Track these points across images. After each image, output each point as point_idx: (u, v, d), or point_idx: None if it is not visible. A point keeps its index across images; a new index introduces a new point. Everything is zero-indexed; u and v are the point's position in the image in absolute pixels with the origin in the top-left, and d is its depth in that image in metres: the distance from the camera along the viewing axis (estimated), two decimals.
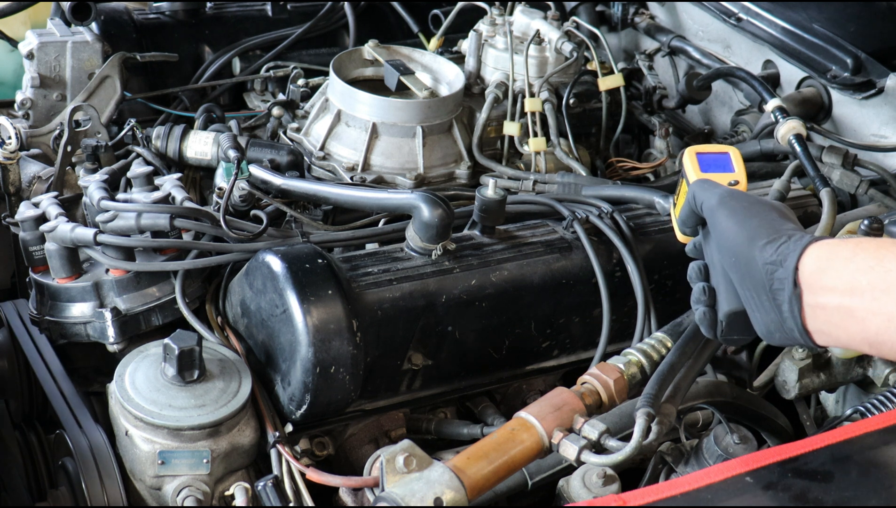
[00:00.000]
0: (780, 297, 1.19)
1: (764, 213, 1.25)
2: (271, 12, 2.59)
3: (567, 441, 1.35)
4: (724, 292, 1.30)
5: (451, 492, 1.28)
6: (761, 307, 1.22)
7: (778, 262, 1.19)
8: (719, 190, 1.30)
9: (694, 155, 1.42)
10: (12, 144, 2.06)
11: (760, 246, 1.21)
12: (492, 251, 1.75)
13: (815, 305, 1.17)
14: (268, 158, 2.01)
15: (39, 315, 1.80)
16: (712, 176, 1.37)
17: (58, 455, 1.73)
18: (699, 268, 1.34)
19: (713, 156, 1.42)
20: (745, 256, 1.22)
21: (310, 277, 1.60)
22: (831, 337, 1.18)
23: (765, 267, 1.19)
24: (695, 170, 1.40)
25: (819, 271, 1.16)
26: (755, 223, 1.24)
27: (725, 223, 1.26)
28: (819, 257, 1.17)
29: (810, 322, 1.18)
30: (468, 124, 2.18)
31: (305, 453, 1.64)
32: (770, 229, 1.22)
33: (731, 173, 1.39)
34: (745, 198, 1.28)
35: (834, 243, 1.18)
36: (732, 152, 1.43)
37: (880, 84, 2.24)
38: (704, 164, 1.41)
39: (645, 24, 2.70)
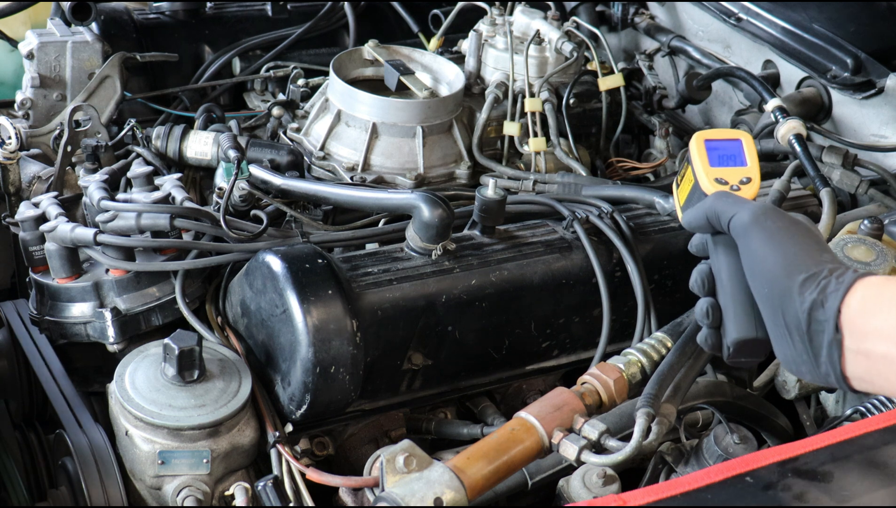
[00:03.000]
0: (818, 340, 1.08)
1: (802, 239, 1.13)
2: (271, 12, 2.59)
3: (567, 441, 1.35)
4: (733, 316, 1.20)
5: (451, 492, 1.28)
6: (792, 346, 1.11)
7: (819, 302, 1.07)
8: (752, 205, 1.17)
9: (702, 143, 1.30)
10: (12, 144, 2.05)
11: (800, 281, 1.09)
12: (492, 251, 1.75)
13: (857, 350, 1.06)
14: (268, 158, 2.01)
15: (39, 315, 1.80)
16: (723, 171, 1.27)
17: (58, 455, 1.73)
18: (703, 280, 1.24)
19: (723, 144, 1.30)
20: (781, 288, 1.10)
21: (310, 277, 1.60)
22: (873, 385, 1.08)
23: (803, 306, 1.08)
24: (703, 162, 1.28)
25: (864, 314, 1.06)
26: (794, 251, 1.12)
27: (761, 249, 1.13)
28: (865, 297, 1.06)
29: (850, 368, 1.08)
30: (468, 124, 2.18)
31: (305, 453, 1.64)
32: (810, 259, 1.10)
33: (742, 168, 1.27)
34: (781, 218, 1.16)
35: (881, 283, 1.07)
36: (745, 140, 1.31)
37: (880, 84, 2.24)
38: (714, 154, 1.29)
39: (645, 24, 2.70)
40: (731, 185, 1.25)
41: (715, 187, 1.25)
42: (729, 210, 1.18)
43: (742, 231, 1.16)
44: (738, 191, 1.24)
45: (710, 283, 1.23)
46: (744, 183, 1.26)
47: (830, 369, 1.08)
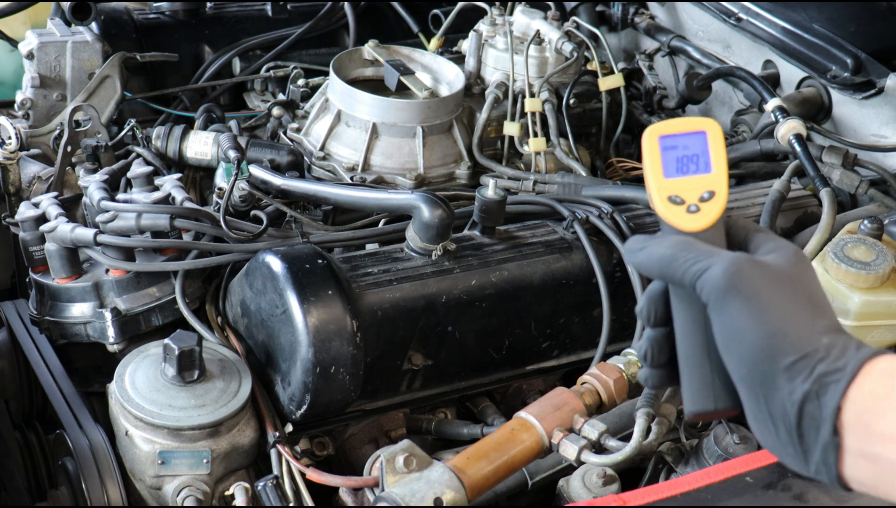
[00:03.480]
0: (809, 438, 0.87)
1: (791, 302, 0.90)
2: (271, 12, 2.59)
3: (567, 441, 1.35)
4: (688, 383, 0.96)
5: (451, 492, 1.28)
6: (776, 436, 0.89)
7: (812, 393, 0.86)
8: (722, 265, 0.91)
9: (656, 141, 1.00)
10: (12, 144, 2.05)
11: (787, 365, 0.87)
12: (492, 252, 1.75)
13: (861, 454, 0.86)
14: (268, 158, 2.01)
15: (39, 315, 1.80)
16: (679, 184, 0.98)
17: (58, 455, 1.73)
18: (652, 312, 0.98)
19: (683, 140, 1.00)
20: (763, 372, 0.88)
21: (310, 277, 1.60)
22: (877, 491, 0.87)
23: (792, 397, 0.86)
24: (655, 171, 0.99)
25: (873, 414, 0.84)
26: (780, 323, 0.88)
27: (737, 321, 0.89)
28: (874, 393, 0.84)
29: (850, 472, 0.87)
30: (468, 124, 2.18)
31: (305, 453, 1.64)
32: (801, 333, 0.88)
33: (705, 176, 0.99)
34: (762, 276, 0.91)
35: (892, 371, 0.85)
36: (710, 131, 1.00)
37: (880, 84, 2.24)
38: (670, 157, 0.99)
39: (645, 24, 2.70)
40: (689, 204, 0.98)
41: (668, 210, 0.98)
42: (693, 269, 0.92)
43: (714, 297, 0.90)
44: (697, 213, 0.97)
45: (661, 313, 0.98)
46: (704, 200, 0.98)
47: (823, 469, 0.88)
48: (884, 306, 1.66)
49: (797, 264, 0.93)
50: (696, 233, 0.97)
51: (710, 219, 0.97)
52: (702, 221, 0.97)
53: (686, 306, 0.95)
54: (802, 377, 0.86)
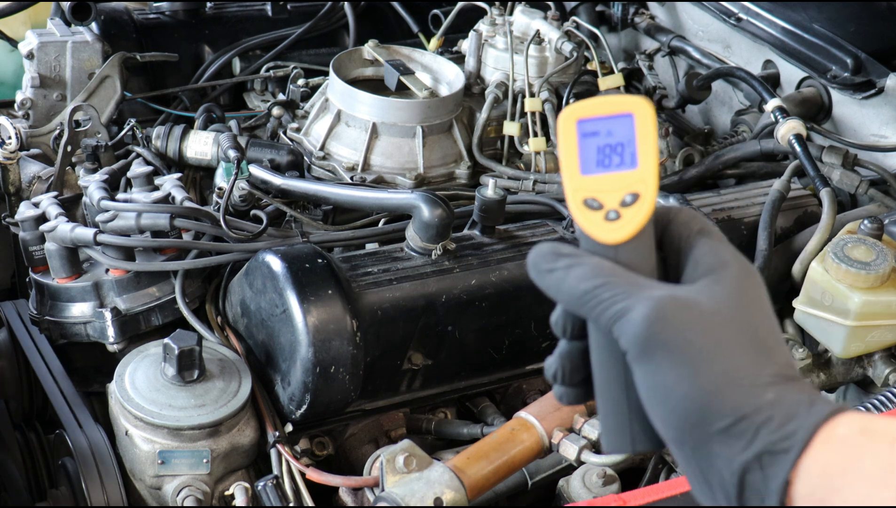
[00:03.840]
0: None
1: (728, 351, 0.73)
2: (271, 12, 2.59)
3: (567, 441, 1.35)
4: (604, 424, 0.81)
5: (451, 492, 1.28)
6: (713, 500, 0.75)
7: (754, 464, 0.71)
8: (644, 309, 0.74)
9: (573, 124, 0.80)
10: (12, 144, 2.05)
11: (721, 429, 0.72)
12: (492, 251, 1.75)
13: None
14: (268, 158, 2.01)
15: (39, 315, 1.79)
16: (598, 182, 0.79)
17: (58, 455, 1.73)
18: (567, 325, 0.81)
19: (605, 124, 0.79)
20: (695, 438, 0.73)
21: (310, 277, 1.60)
22: None
23: (731, 467, 0.72)
24: (570, 164, 0.80)
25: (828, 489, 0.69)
26: (713, 381, 0.72)
27: (662, 376, 0.74)
28: (829, 466, 0.69)
29: None
30: (468, 124, 2.18)
31: (305, 453, 1.64)
32: (739, 391, 0.72)
33: (630, 173, 0.79)
34: (692, 319, 0.74)
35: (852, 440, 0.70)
36: (637, 113, 0.79)
37: (880, 84, 2.23)
38: (589, 146, 0.80)
39: (645, 24, 2.70)
40: (608, 210, 0.79)
41: (583, 216, 0.80)
42: (610, 310, 0.75)
43: (633, 348, 0.75)
44: (617, 220, 0.79)
45: (576, 325, 0.81)
46: (627, 204, 0.79)
47: None
48: (884, 306, 1.66)
49: (741, 294, 0.76)
50: (617, 246, 0.79)
51: (632, 229, 0.79)
52: (621, 231, 0.79)
53: (604, 342, 0.78)
54: (742, 443, 0.71)
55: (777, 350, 0.75)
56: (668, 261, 0.82)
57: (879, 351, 1.76)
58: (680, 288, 0.78)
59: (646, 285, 0.77)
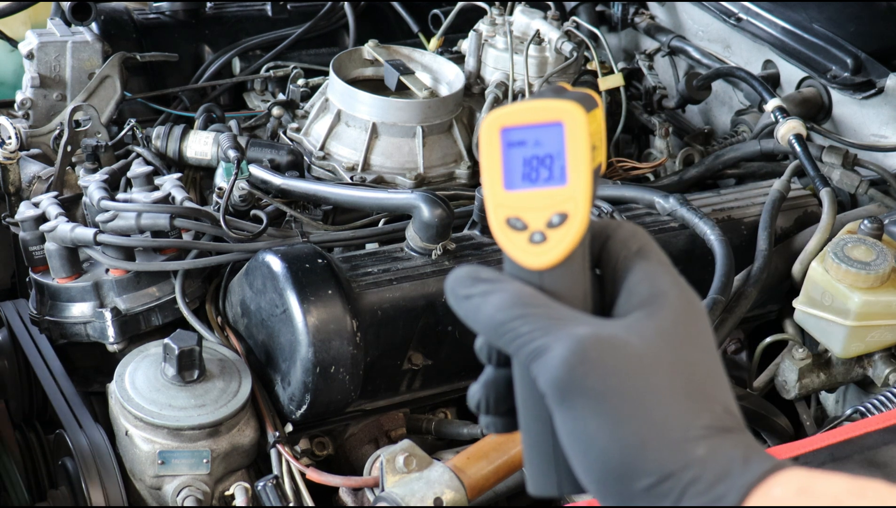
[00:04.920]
0: None
1: (656, 399, 0.66)
2: (271, 12, 2.59)
3: None
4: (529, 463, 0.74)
5: (451, 492, 1.28)
6: None
7: None
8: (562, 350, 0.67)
9: (496, 132, 0.72)
10: (12, 144, 2.05)
11: (645, 487, 0.65)
12: (492, 251, 1.75)
13: None
14: (268, 158, 2.01)
15: (39, 315, 1.79)
16: (523, 199, 0.71)
17: (58, 455, 1.73)
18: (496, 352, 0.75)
19: (533, 133, 0.71)
20: (618, 491, 0.67)
21: (310, 277, 1.60)
22: None
23: None
24: (492, 174, 0.72)
25: None
26: (636, 433, 0.66)
27: (583, 423, 0.67)
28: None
29: None
30: (468, 124, 2.18)
31: (305, 453, 1.64)
32: (665, 446, 0.65)
33: (558, 190, 0.70)
34: (618, 362, 0.67)
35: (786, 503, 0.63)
36: (567, 121, 0.70)
37: (880, 84, 2.24)
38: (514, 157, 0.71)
39: (645, 24, 2.70)
40: (532, 232, 0.71)
41: (505, 237, 0.73)
42: (527, 348, 0.68)
43: (552, 391, 0.68)
44: (543, 243, 0.71)
45: (502, 355, 0.75)
46: (553, 226, 0.70)
47: None
48: (884, 306, 1.66)
49: (677, 331, 0.68)
50: (542, 271, 0.71)
51: (559, 254, 0.70)
52: (547, 256, 0.71)
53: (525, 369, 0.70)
54: (668, 502, 0.65)
55: (714, 397, 0.68)
56: (605, 284, 0.73)
57: (879, 351, 1.76)
58: (607, 324, 0.69)
59: (569, 318, 0.68)
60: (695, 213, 1.80)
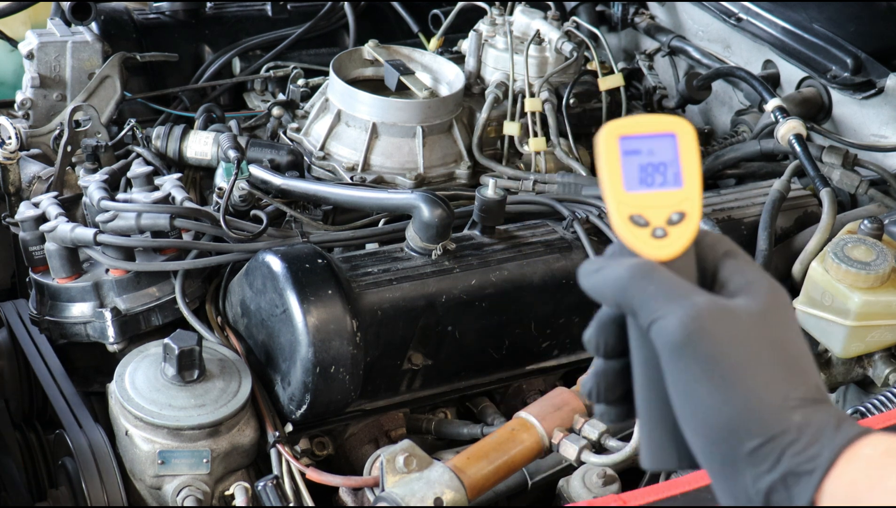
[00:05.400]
0: None
1: (761, 367, 0.74)
2: (271, 12, 2.59)
3: (567, 441, 1.35)
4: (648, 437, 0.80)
5: (451, 492, 1.28)
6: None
7: (779, 484, 0.73)
8: (681, 315, 0.74)
9: (615, 141, 0.80)
10: (12, 144, 2.05)
11: (750, 450, 0.73)
12: (492, 251, 1.75)
13: None
14: (268, 158, 2.01)
15: (39, 315, 1.79)
16: (643, 199, 0.80)
17: (58, 454, 1.73)
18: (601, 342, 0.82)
19: (647, 143, 0.80)
20: (723, 452, 0.74)
21: (310, 277, 1.60)
22: None
23: (757, 485, 0.73)
24: (614, 181, 0.80)
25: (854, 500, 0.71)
26: (743, 396, 0.73)
27: (694, 385, 0.74)
28: (854, 484, 0.71)
29: None
30: (468, 124, 2.18)
31: (305, 453, 1.64)
32: (768, 411, 0.73)
33: (675, 192, 0.80)
34: (730, 331, 0.74)
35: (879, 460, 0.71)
36: (680, 133, 0.81)
37: (880, 84, 2.24)
38: (632, 164, 0.80)
39: (645, 24, 2.70)
40: (654, 228, 0.80)
41: (629, 232, 0.80)
42: (650, 307, 0.76)
43: (668, 352, 0.75)
44: (664, 238, 0.79)
45: (611, 345, 0.81)
46: (673, 223, 0.80)
47: None
48: (884, 306, 1.66)
49: (774, 311, 0.76)
50: (663, 264, 0.79)
51: (679, 247, 0.79)
52: (669, 249, 0.79)
53: (646, 343, 0.77)
54: (768, 464, 0.72)
55: (807, 372, 0.76)
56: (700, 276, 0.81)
57: (879, 351, 1.76)
58: (720, 298, 0.77)
59: (689, 289, 0.76)
60: None
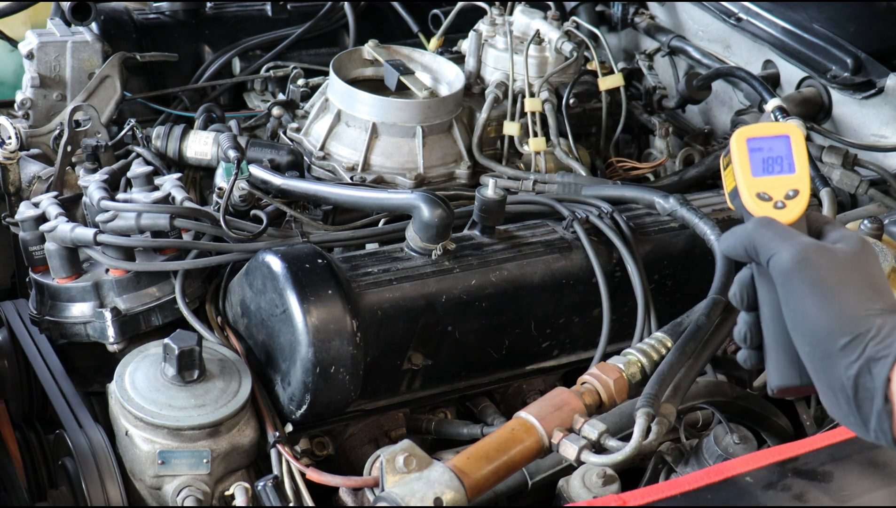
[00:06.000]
0: (866, 408, 1.00)
1: (851, 287, 1.01)
2: (271, 12, 2.59)
3: (567, 441, 1.35)
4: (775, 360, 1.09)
5: (451, 492, 1.28)
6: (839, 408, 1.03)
7: (865, 368, 0.98)
8: (793, 248, 1.04)
9: (744, 143, 1.13)
10: (12, 144, 2.05)
11: (843, 344, 0.99)
12: (492, 251, 1.75)
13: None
14: (268, 158, 2.01)
15: (39, 315, 1.79)
16: (766, 182, 1.11)
17: (58, 455, 1.73)
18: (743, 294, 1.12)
19: (769, 142, 1.13)
20: (822, 350, 1.01)
21: (310, 277, 1.60)
22: None
23: (848, 372, 0.99)
24: (744, 170, 1.13)
25: None
26: (838, 306, 1.00)
27: (801, 302, 1.02)
28: None
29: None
30: (468, 124, 2.18)
31: (305, 453, 1.64)
32: (856, 315, 0.99)
33: (790, 176, 1.11)
34: (827, 262, 1.03)
35: None
36: (793, 136, 1.13)
37: (880, 84, 2.24)
38: (757, 158, 1.12)
39: (645, 24, 2.70)
40: (776, 201, 1.11)
41: (757, 205, 1.11)
42: (769, 247, 1.05)
43: (781, 278, 1.04)
44: (783, 208, 1.10)
45: (751, 297, 1.11)
46: (790, 197, 1.11)
47: (881, 436, 1.00)
48: None
49: (861, 252, 1.05)
50: None
51: (796, 214, 1.10)
52: (787, 216, 1.10)
53: (770, 287, 1.07)
54: (856, 354, 0.98)
55: (884, 293, 1.02)
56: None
57: None
58: (820, 241, 1.06)
59: (798, 234, 1.07)
60: (695, 213, 1.80)
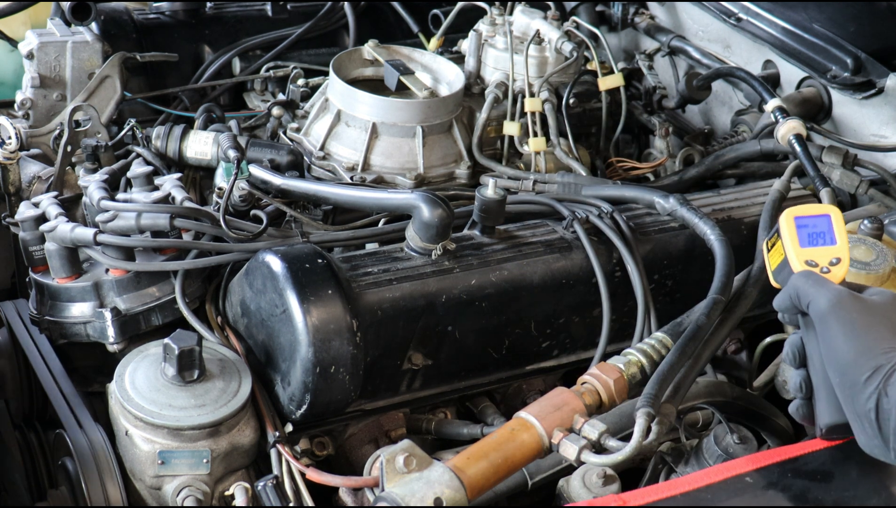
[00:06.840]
0: (886, 428, 1.15)
1: (876, 328, 1.19)
2: (271, 12, 2.59)
3: (567, 441, 1.35)
4: (825, 400, 1.26)
5: (451, 492, 1.28)
6: (864, 433, 1.18)
7: (882, 393, 1.14)
8: (829, 293, 1.23)
9: (792, 221, 1.34)
10: (12, 144, 2.05)
11: (867, 374, 1.16)
12: (492, 251, 1.75)
13: None
14: (268, 158, 2.01)
15: (39, 315, 1.79)
16: (813, 252, 1.31)
17: (58, 455, 1.73)
18: (795, 353, 1.30)
19: (813, 220, 1.34)
20: (850, 379, 1.18)
21: (310, 277, 1.60)
22: None
23: (870, 399, 1.15)
24: (793, 243, 1.33)
25: None
26: (866, 343, 1.18)
27: (835, 339, 1.20)
28: None
29: None
30: (468, 124, 2.18)
31: (305, 453, 1.64)
32: (879, 350, 1.17)
33: (832, 247, 1.31)
34: (858, 306, 1.22)
35: None
36: (833, 215, 1.34)
37: (880, 84, 2.24)
38: (804, 232, 1.33)
39: (645, 24, 2.70)
40: (821, 267, 1.30)
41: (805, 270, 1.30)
42: (809, 293, 1.24)
43: (819, 319, 1.22)
44: (828, 273, 1.28)
45: (801, 356, 1.29)
46: (833, 264, 1.30)
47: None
48: None
49: (891, 303, 1.23)
50: None
51: (839, 278, 1.29)
52: (831, 279, 1.28)
53: (815, 338, 1.25)
54: (875, 385, 1.15)
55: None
56: None
57: None
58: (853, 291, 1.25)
59: (834, 284, 1.25)
60: (695, 213, 1.80)
